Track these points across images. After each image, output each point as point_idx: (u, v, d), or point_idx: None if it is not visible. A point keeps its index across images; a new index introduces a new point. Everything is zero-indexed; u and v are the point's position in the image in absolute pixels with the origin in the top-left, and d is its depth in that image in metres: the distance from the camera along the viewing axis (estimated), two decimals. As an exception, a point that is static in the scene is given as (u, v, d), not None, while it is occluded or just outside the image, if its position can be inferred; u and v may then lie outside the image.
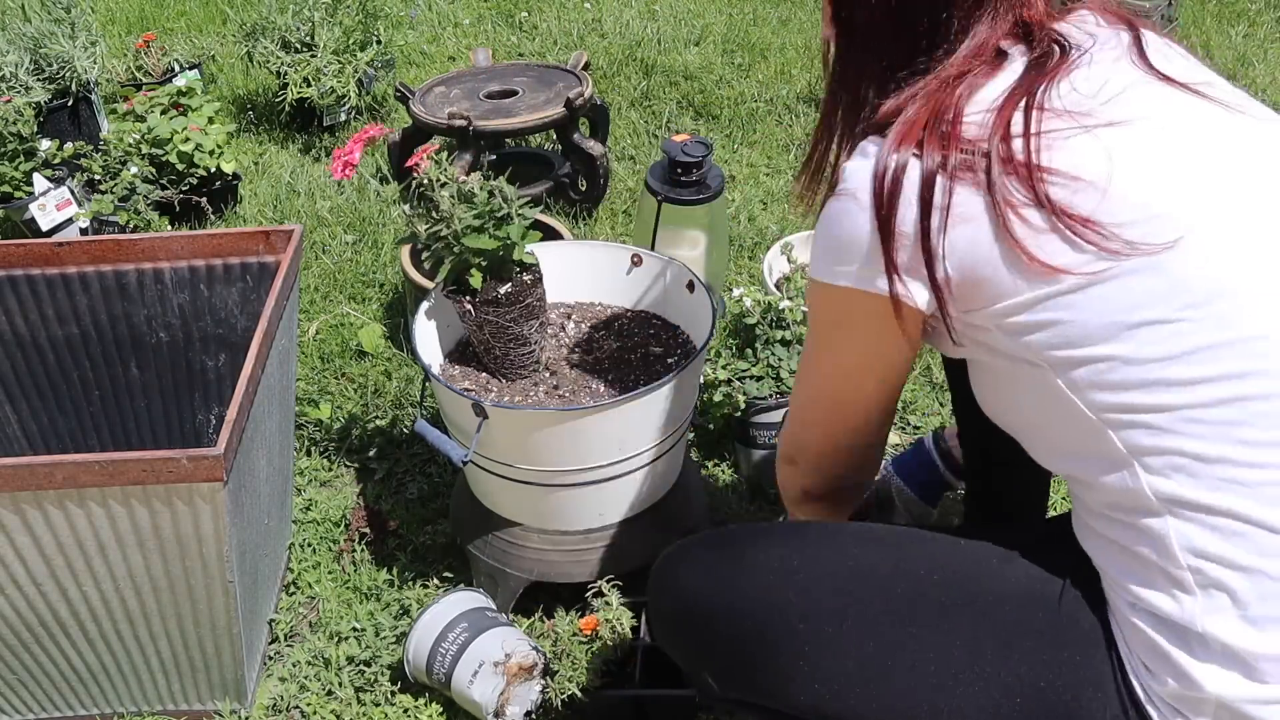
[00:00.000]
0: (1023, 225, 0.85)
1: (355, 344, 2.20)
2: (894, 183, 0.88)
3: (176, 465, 1.18)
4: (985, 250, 0.87)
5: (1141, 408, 0.86)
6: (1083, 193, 0.85)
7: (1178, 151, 0.88)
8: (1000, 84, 0.89)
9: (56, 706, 1.49)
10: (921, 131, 0.87)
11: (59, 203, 2.45)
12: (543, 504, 1.50)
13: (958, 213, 0.87)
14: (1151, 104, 0.89)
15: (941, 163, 0.86)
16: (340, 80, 2.93)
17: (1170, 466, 0.86)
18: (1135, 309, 0.84)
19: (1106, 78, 0.89)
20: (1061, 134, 0.86)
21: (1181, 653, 0.86)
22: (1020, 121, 0.86)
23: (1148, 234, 0.84)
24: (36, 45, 2.82)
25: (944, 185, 0.86)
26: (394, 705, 1.51)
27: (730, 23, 3.64)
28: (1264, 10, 3.54)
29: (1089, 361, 0.87)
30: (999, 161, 0.85)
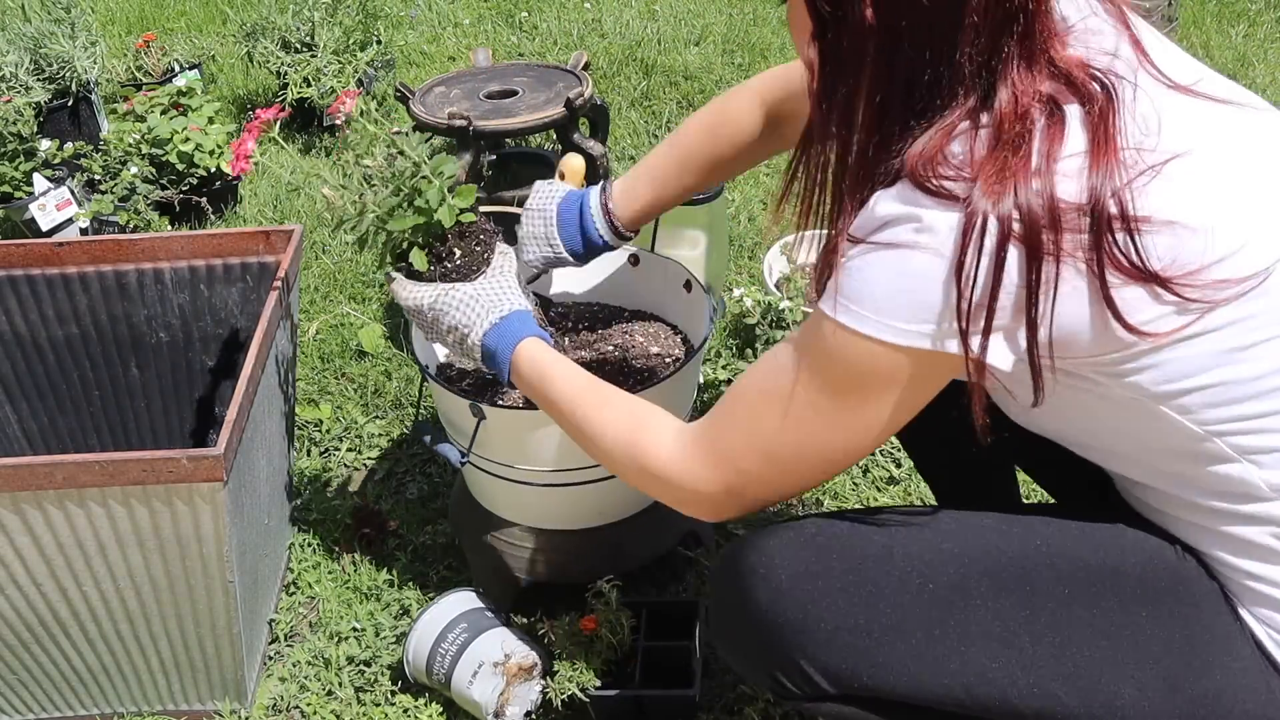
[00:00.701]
0: (1125, 298, 0.83)
1: (355, 344, 2.20)
2: (996, 251, 0.82)
3: (176, 465, 1.18)
4: (1087, 318, 0.85)
5: (1253, 414, 0.88)
6: (1179, 236, 0.83)
7: (1234, 168, 0.88)
8: (1075, 142, 0.83)
9: (56, 706, 1.49)
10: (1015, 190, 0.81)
11: (59, 203, 2.45)
12: (541, 504, 1.50)
13: (1063, 288, 0.83)
14: (1192, 127, 0.88)
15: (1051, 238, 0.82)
16: (340, 80, 2.93)
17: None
18: (1241, 334, 0.86)
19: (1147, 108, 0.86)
20: (1142, 181, 0.83)
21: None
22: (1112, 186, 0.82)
23: (1243, 265, 0.84)
24: (36, 45, 2.82)
25: (1053, 262, 0.82)
26: (394, 705, 1.51)
27: (730, 23, 3.64)
28: (1264, 10, 3.54)
29: (1200, 388, 0.87)
30: (1104, 229, 0.82)
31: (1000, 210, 0.81)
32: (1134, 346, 0.85)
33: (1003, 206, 0.81)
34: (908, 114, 0.86)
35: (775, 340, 1.91)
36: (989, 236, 0.81)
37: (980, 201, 0.81)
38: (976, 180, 0.82)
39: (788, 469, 0.99)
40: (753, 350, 1.86)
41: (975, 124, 0.84)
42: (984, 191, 0.82)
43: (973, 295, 0.82)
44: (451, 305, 1.24)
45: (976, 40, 0.82)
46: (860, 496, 1.80)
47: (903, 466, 1.85)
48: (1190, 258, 0.83)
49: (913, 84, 0.85)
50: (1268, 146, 0.91)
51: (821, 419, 0.95)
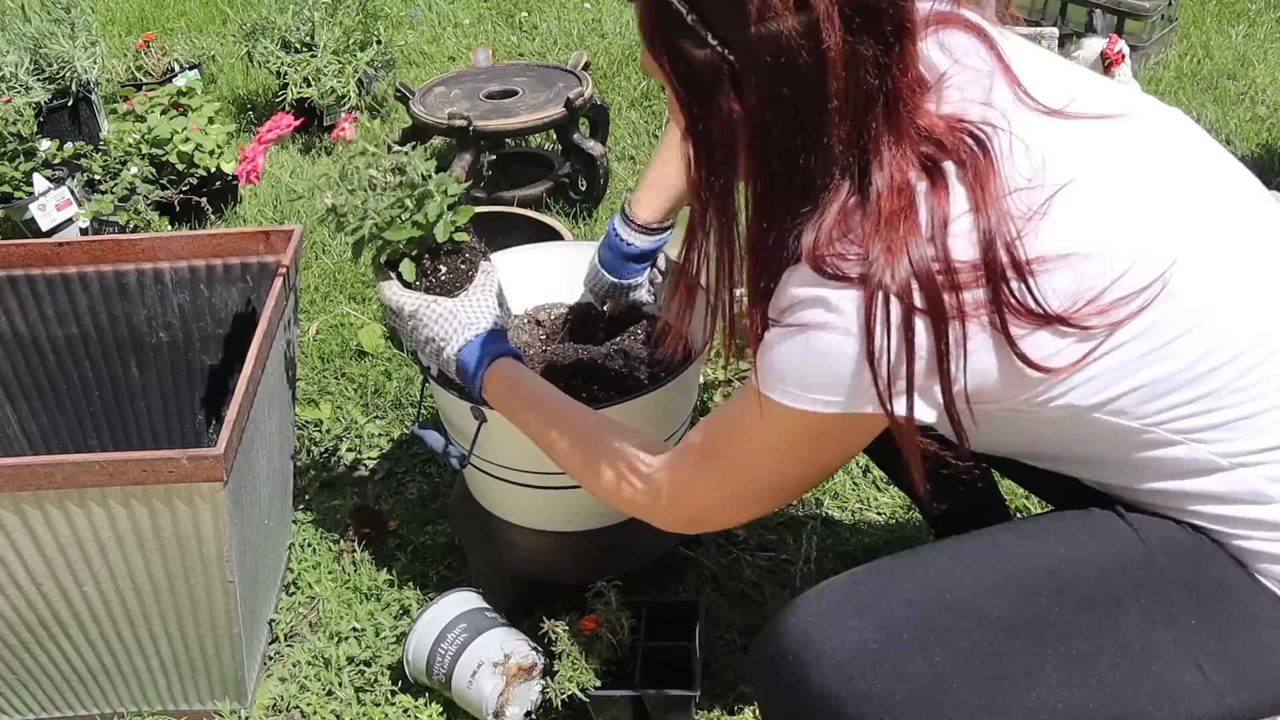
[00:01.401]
0: (1029, 345, 0.86)
1: (355, 344, 2.20)
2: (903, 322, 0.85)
3: (176, 465, 1.18)
4: (997, 368, 0.88)
5: (1184, 401, 0.91)
6: (1076, 266, 0.86)
7: (1117, 186, 0.90)
8: (958, 203, 0.85)
9: (56, 706, 1.49)
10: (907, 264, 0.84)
11: (59, 203, 2.45)
12: (542, 505, 1.50)
13: (971, 344, 0.86)
14: (1072, 153, 0.90)
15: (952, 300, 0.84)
16: (340, 80, 2.93)
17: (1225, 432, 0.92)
18: (1157, 337, 0.89)
19: (1026, 145, 0.88)
20: (1031, 229, 0.85)
21: None
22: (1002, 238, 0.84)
23: (1139, 277, 0.87)
24: (36, 45, 2.82)
25: (959, 322, 0.85)
26: (394, 705, 1.51)
27: (730, 23, 3.64)
28: (1264, 10, 3.54)
29: (1127, 393, 0.91)
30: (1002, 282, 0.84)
31: (899, 281, 0.84)
32: (1044, 381, 0.89)
33: (900, 277, 0.84)
34: (790, 199, 0.88)
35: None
36: (893, 308, 0.84)
37: (879, 276, 0.84)
38: (869, 257, 0.84)
39: (745, 502, 1.08)
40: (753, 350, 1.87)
41: (862, 201, 0.86)
42: (882, 265, 0.84)
43: (887, 366, 0.86)
44: (431, 317, 1.30)
45: (842, 123, 0.84)
46: (860, 495, 1.80)
47: (903, 466, 1.85)
48: (1091, 284, 0.86)
49: (790, 170, 0.87)
50: (1147, 154, 0.93)
51: (770, 464, 1.01)
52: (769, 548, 1.70)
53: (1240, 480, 0.93)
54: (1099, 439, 0.95)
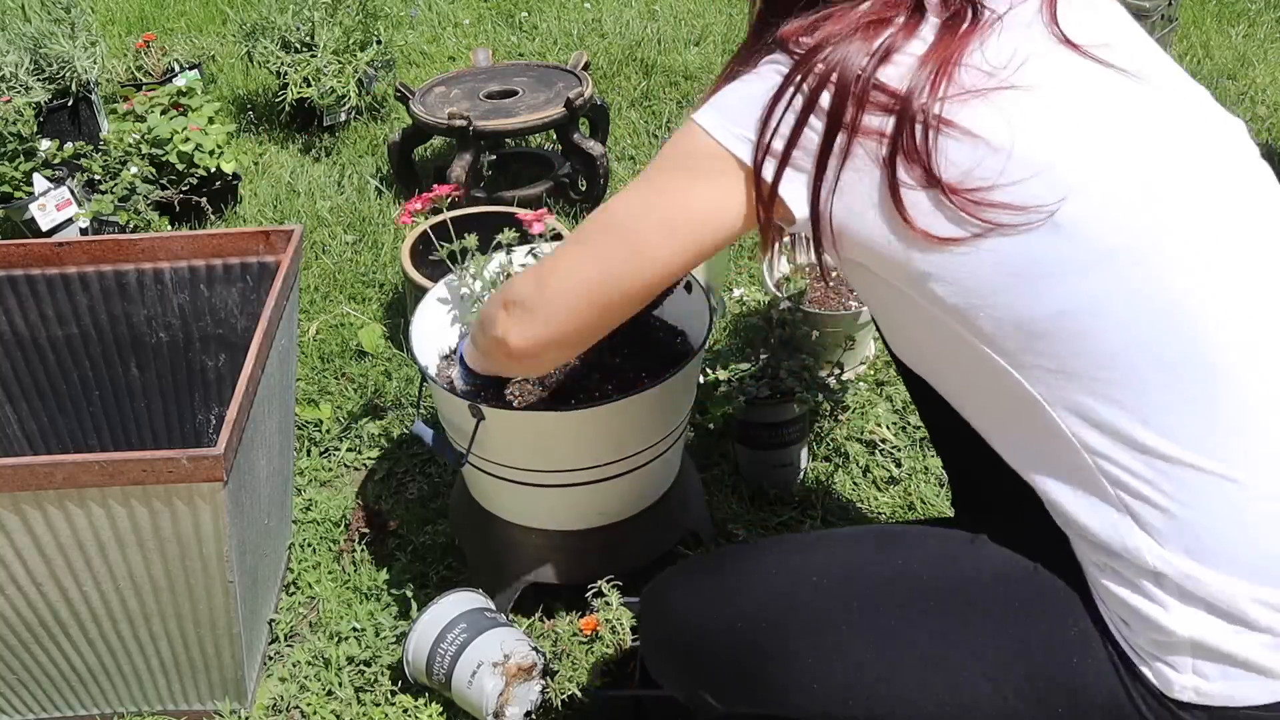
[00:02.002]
0: (909, 198, 0.89)
1: (355, 344, 2.20)
2: (809, 96, 0.91)
3: (176, 465, 1.18)
4: (876, 202, 0.91)
5: (1049, 354, 0.89)
6: (977, 149, 0.87)
7: (1070, 116, 0.90)
8: (916, 44, 0.90)
9: (56, 706, 1.49)
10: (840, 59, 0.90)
11: (59, 203, 2.45)
12: (541, 504, 1.50)
13: (853, 163, 0.90)
14: (1053, 72, 0.91)
15: (853, 113, 0.89)
16: (340, 80, 2.93)
17: (1083, 409, 0.90)
18: (1029, 264, 0.88)
19: (1015, 47, 0.91)
20: (963, 99, 0.88)
21: (1145, 601, 0.90)
22: (929, 85, 0.88)
23: (1033, 193, 0.87)
24: (36, 45, 2.82)
25: (847, 134, 0.90)
26: (394, 705, 1.51)
27: (730, 23, 3.64)
28: (1264, 10, 3.54)
29: (988, 309, 0.90)
30: (909, 121, 0.88)
31: (822, 70, 0.90)
32: (913, 245, 0.90)
33: (829, 63, 0.90)
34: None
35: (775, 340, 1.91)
36: (809, 80, 0.91)
37: (816, 52, 0.91)
38: (823, 40, 0.92)
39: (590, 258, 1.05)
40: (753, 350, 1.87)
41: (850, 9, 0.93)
42: (822, 46, 0.91)
43: (779, 122, 0.92)
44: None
45: None
46: (860, 495, 1.80)
47: (903, 466, 1.85)
48: (984, 173, 0.87)
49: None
50: (1124, 110, 0.92)
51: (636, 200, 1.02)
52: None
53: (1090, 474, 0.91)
54: (969, 369, 0.95)
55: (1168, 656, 0.90)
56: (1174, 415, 0.88)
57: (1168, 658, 0.90)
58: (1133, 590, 0.91)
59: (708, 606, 1.09)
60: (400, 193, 2.75)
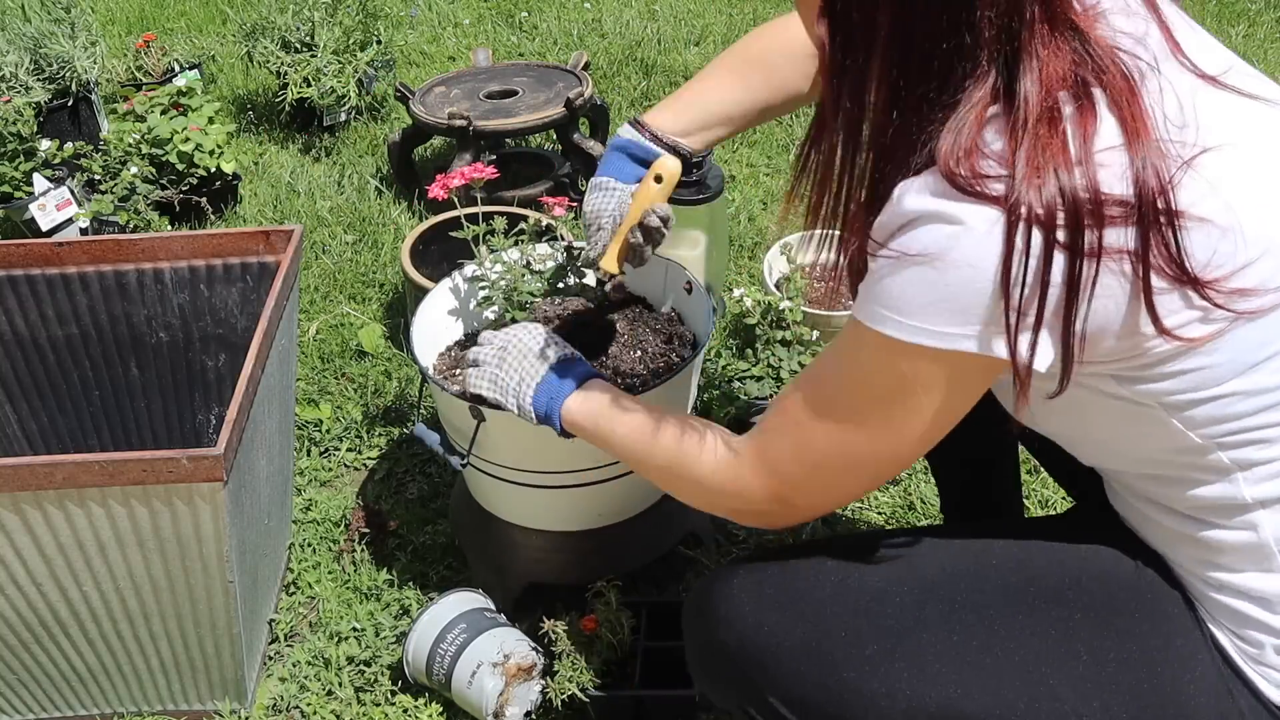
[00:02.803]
0: (1166, 301, 0.80)
1: (355, 344, 2.20)
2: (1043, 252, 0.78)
3: (176, 465, 1.18)
4: (1122, 317, 0.81)
5: (1255, 427, 0.87)
6: (1210, 235, 0.80)
7: (1262, 168, 0.84)
8: (1109, 127, 0.79)
9: (56, 706, 1.49)
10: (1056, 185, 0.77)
11: (59, 203, 2.45)
12: (541, 506, 1.50)
13: (1103, 286, 0.79)
14: (1221, 120, 0.84)
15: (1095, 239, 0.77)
16: (340, 80, 2.93)
17: (1272, 474, 0.88)
18: (1262, 347, 0.84)
19: (1177, 97, 0.82)
20: (1178, 175, 0.79)
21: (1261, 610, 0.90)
22: (1156, 178, 0.78)
23: (1267, 273, 0.81)
24: (36, 45, 2.82)
25: (1093, 260, 0.78)
26: (394, 705, 1.51)
27: (730, 23, 3.64)
28: (1264, 10, 3.54)
29: (1210, 400, 0.85)
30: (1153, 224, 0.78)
31: (1045, 206, 0.76)
32: (1157, 350, 0.82)
33: (1046, 202, 0.77)
34: (927, 89, 0.81)
35: (775, 340, 1.91)
36: (1035, 236, 0.77)
37: (1023, 197, 0.77)
38: (1015, 176, 0.77)
39: (833, 479, 0.98)
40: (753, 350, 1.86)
41: (1007, 108, 0.79)
42: (1026, 186, 0.77)
43: (1021, 296, 0.78)
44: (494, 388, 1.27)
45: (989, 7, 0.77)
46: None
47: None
48: (1221, 259, 0.79)
49: (929, 55, 0.80)
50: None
51: (865, 430, 0.92)
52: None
53: (1253, 523, 0.90)
54: (1157, 444, 0.90)
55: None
56: None
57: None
58: (1250, 602, 0.90)
59: (774, 608, 1.00)
60: (400, 193, 2.74)
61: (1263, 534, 0.90)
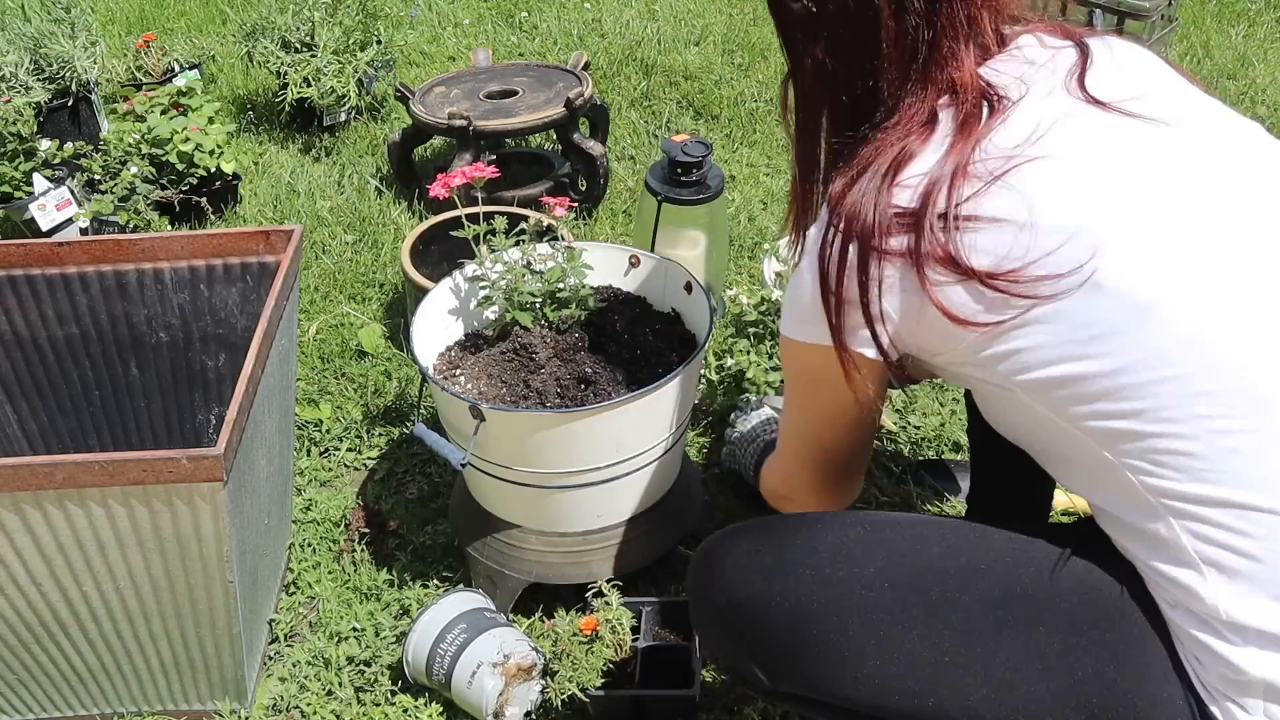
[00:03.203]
0: (946, 295, 0.92)
1: (355, 344, 2.20)
2: (838, 257, 0.95)
3: (176, 465, 1.18)
4: (920, 309, 0.94)
5: (1113, 414, 0.89)
6: (1005, 232, 0.89)
7: (1093, 174, 0.91)
8: (931, 152, 0.93)
9: (56, 706, 1.49)
10: (859, 205, 0.94)
11: (59, 203, 2.45)
12: (541, 506, 1.50)
13: (889, 285, 0.94)
14: (1075, 134, 0.92)
15: (877, 241, 0.93)
16: (340, 80, 2.93)
17: (1155, 465, 0.89)
18: (1078, 328, 0.88)
19: (1037, 120, 0.93)
20: (984, 191, 0.90)
21: (1219, 641, 0.89)
22: (945, 192, 0.91)
23: (1066, 258, 0.88)
24: (36, 45, 2.82)
25: (877, 261, 0.93)
26: (394, 705, 1.51)
27: (730, 23, 3.64)
28: (1264, 10, 3.54)
29: (1051, 381, 0.91)
30: (926, 231, 0.91)
31: (845, 215, 0.94)
32: (966, 340, 0.93)
33: (846, 211, 0.94)
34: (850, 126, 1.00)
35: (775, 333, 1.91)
36: (837, 238, 0.95)
37: (837, 208, 0.95)
38: (845, 188, 0.95)
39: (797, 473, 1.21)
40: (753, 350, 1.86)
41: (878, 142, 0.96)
42: (839, 199, 0.95)
43: (833, 293, 0.96)
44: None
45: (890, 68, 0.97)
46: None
47: (901, 466, 1.85)
48: (1016, 253, 0.89)
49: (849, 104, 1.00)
50: (1150, 158, 0.92)
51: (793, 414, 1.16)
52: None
53: (1166, 529, 0.90)
54: (1049, 433, 0.97)
55: (1239, 697, 0.88)
56: (1243, 459, 0.87)
57: (1239, 698, 0.88)
58: (1205, 629, 0.90)
59: (765, 577, 1.05)
60: (400, 193, 2.74)
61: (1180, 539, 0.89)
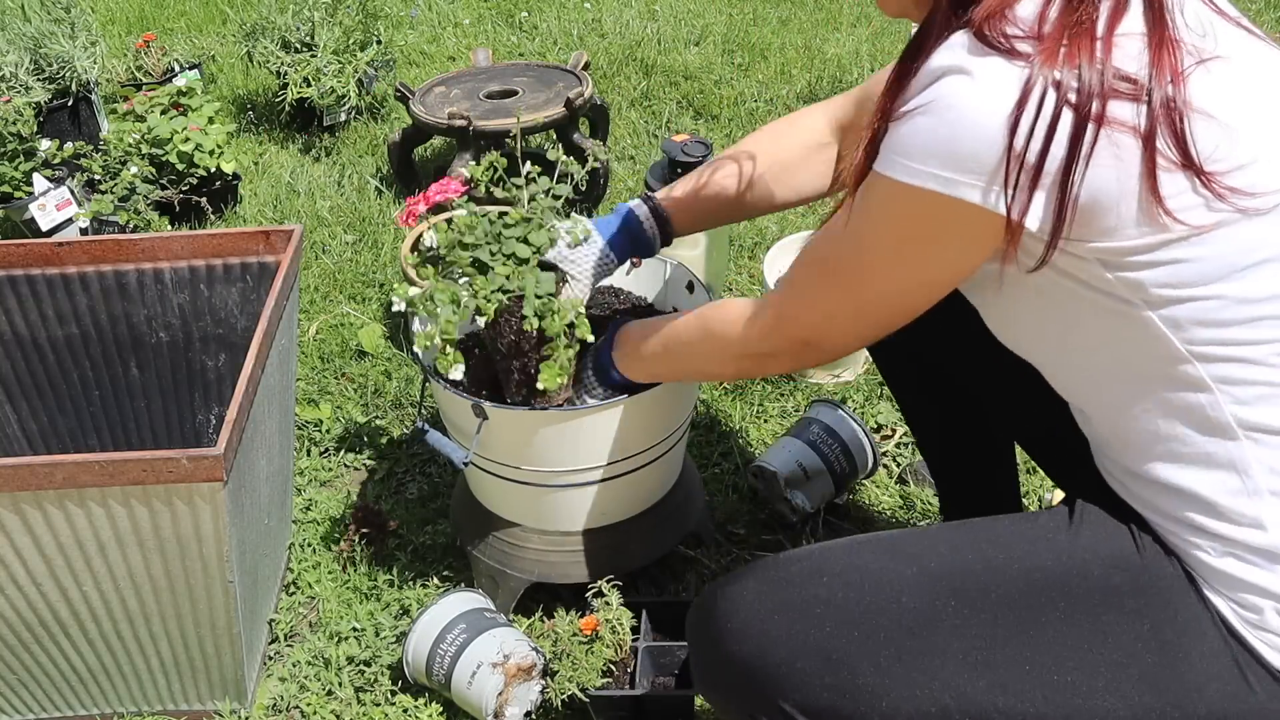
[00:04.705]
0: (1165, 173, 0.84)
1: (355, 344, 2.20)
2: (1053, 113, 0.83)
3: (176, 465, 1.18)
4: (1121, 193, 0.85)
5: (1242, 341, 0.88)
6: (1214, 129, 0.85)
7: (1268, 92, 0.90)
8: (1134, 20, 0.86)
9: (56, 706, 1.49)
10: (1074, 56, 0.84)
11: (59, 203, 2.45)
12: (542, 505, 1.50)
13: (1104, 155, 0.84)
14: (1232, 43, 0.90)
15: (1100, 107, 0.83)
16: (340, 80, 2.93)
17: (1259, 397, 0.89)
18: (1251, 251, 0.86)
19: (1197, 12, 0.90)
20: (1190, 73, 0.85)
21: (1275, 577, 0.89)
22: (1167, 63, 0.85)
23: (1262, 176, 0.86)
24: (36, 45, 2.82)
25: (1095, 129, 0.83)
26: (394, 705, 1.51)
27: (730, 23, 3.64)
28: (1264, 10, 3.54)
29: (1196, 299, 0.88)
30: (1161, 107, 0.83)
31: (1061, 71, 0.83)
32: (1156, 234, 0.85)
33: (1063, 68, 0.83)
34: None
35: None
36: (1048, 97, 0.83)
37: (1042, 60, 0.83)
38: (1041, 40, 0.84)
39: (848, 325, 1.06)
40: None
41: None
42: (1047, 52, 0.83)
43: (1025, 152, 0.83)
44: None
45: None
46: (861, 496, 1.80)
47: (902, 466, 1.85)
48: (1222, 154, 0.84)
49: None
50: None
51: (870, 281, 1.00)
52: (769, 548, 1.70)
53: (1239, 458, 0.90)
54: (1134, 352, 0.92)
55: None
56: None
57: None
58: (1259, 567, 0.90)
59: (784, 617, 0.99)
60: (400, 193, 2.75)
61: (1251, 468, 0.89)
